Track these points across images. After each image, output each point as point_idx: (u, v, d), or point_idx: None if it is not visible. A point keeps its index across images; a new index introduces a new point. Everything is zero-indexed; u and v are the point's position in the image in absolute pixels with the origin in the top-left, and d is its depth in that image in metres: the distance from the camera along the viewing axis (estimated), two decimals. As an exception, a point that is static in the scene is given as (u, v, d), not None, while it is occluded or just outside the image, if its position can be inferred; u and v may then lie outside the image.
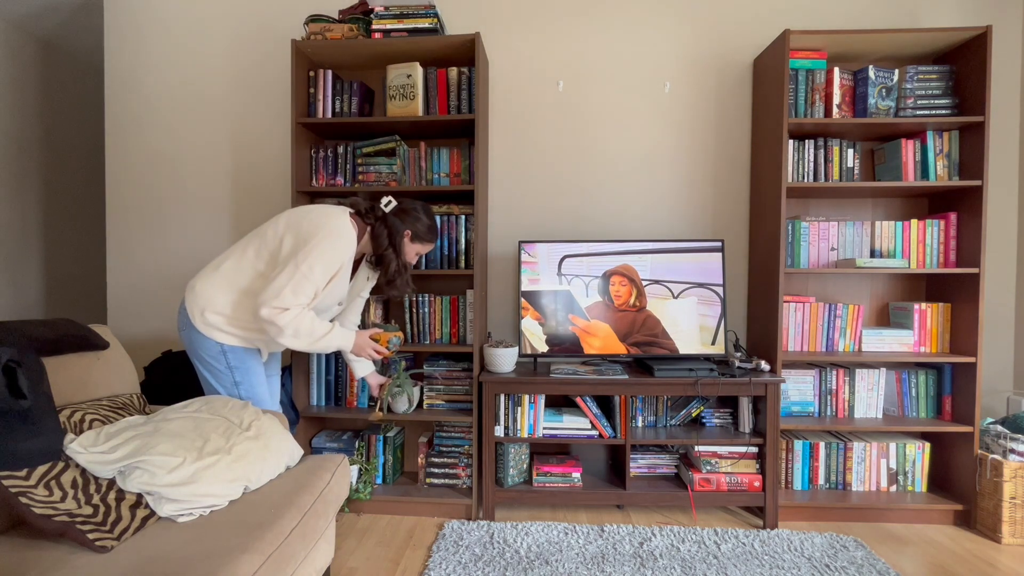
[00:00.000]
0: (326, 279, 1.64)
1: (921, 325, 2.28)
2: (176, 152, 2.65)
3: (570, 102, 2.52)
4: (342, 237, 1.66)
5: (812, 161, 2.29)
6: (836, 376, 2.32)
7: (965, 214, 2.21)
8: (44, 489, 1.19)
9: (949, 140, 2.23)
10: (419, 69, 2.24)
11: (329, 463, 1.64)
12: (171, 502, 1.29)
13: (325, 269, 1.62)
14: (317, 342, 1.66)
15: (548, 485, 2.25)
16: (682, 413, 2.37)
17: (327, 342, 1.68)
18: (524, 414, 2.22)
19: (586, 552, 1.94)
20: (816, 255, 2.32)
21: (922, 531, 2.16)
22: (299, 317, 1.61)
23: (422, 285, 2.54)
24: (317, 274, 1.61)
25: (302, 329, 1.62)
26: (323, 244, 1.62)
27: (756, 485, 2.18)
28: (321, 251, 1.61)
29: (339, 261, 1.65)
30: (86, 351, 1.61)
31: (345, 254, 1.67)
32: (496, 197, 2.54)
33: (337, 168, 2.37)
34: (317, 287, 1.62)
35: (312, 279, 1.60)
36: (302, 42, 2.26)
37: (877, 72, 2.20)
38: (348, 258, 1.69)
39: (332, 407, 2.37)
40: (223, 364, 1.72)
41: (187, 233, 2.65)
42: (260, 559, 1.16)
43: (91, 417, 1.44)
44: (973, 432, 2.16)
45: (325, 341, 1.67)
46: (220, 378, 1.73)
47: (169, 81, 2.65)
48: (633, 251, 2.29)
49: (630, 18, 2.50)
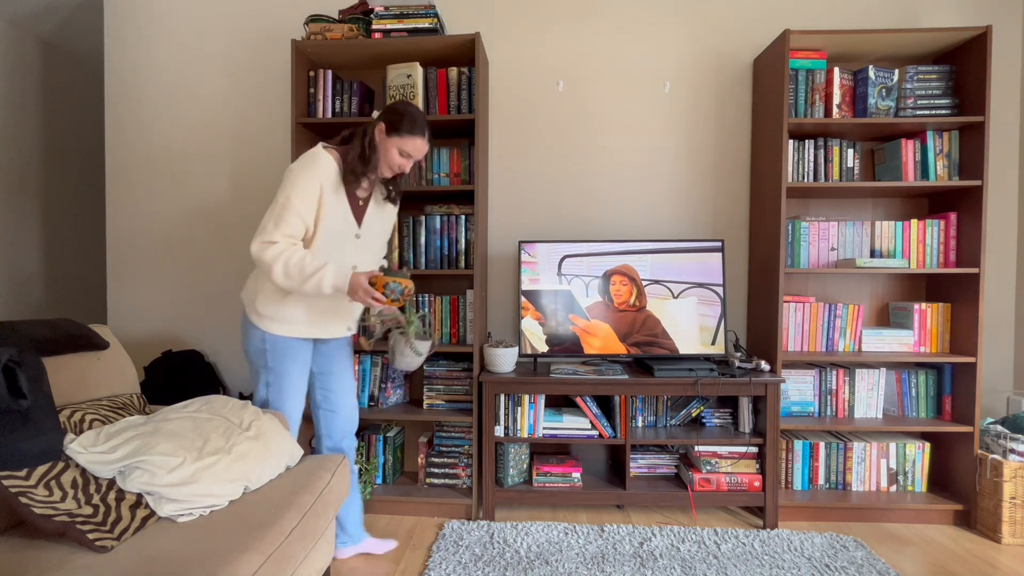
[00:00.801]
0: (306, 204, 1.57)
1: (921, 325, 2.28)
2: (176, 152, 2.65)
3: (570, 102, 2.52)
4: (313, 158, 1.61)
5: (812, 161, 2.29)
6: (836, 376, 2.32)
7: (965, 214, 2.21)
8: (44, 489, 1.19)
9: (949, 140, 2.23)
10: (419, 69, 2.24)
11: (329, 463, 1.64)
12: (171, 502, 1.29)
13: (302, 193, 1.57)
14: (308, 279, 1.55)
15: (548, 485, 2.25)
16: (682, 413, 2.37)
17: (319, 280, 1.55)
18: (524, 414, 2.22)
19: (586, 552, 1.94)
20: (816, 255, 2.32)
21: (922, 531, 2.16)
22: (287, 251, 1.55)
23: (422, 285, 2.54)
24: (295, 200, 1.56)
25: (291, 263, 1.54)
26: (295, 172, 1.59)
27: (756, 485, 2.18)
28: (294, 178, 1.58)
29: (314, 182, 1.58)
30: (86, 351, 1.61)
31: (318, 174, 1.59)
32: (496, 197, 2.54)
33: (337, 168, 2.36)
34: (300, 214, 1.57)
35: (291, 207, 1.56)
36: (302, 42, 2.26)
37: (877, 72, 2.20)
38: (326, 179, 1.60)
39: (332, 407, 2.37)
40: (262, 361, 1.70)
41: (187, 233, 2.65)
42: (260, 559, 1.16)
43: (91, 417, 1.44)
44: (973, 432, 2.16)
45: (317, 278, 1.55)
46: (256, 376, 1.73)
47: (169, 81, 2.65)
48: (633, 251, 2.29)
49: (630, 18, 2.50)
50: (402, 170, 1.71)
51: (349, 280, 1.57)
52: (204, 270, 2.65)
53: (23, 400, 1.25)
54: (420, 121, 1.67)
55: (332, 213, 1.63)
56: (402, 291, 1.58)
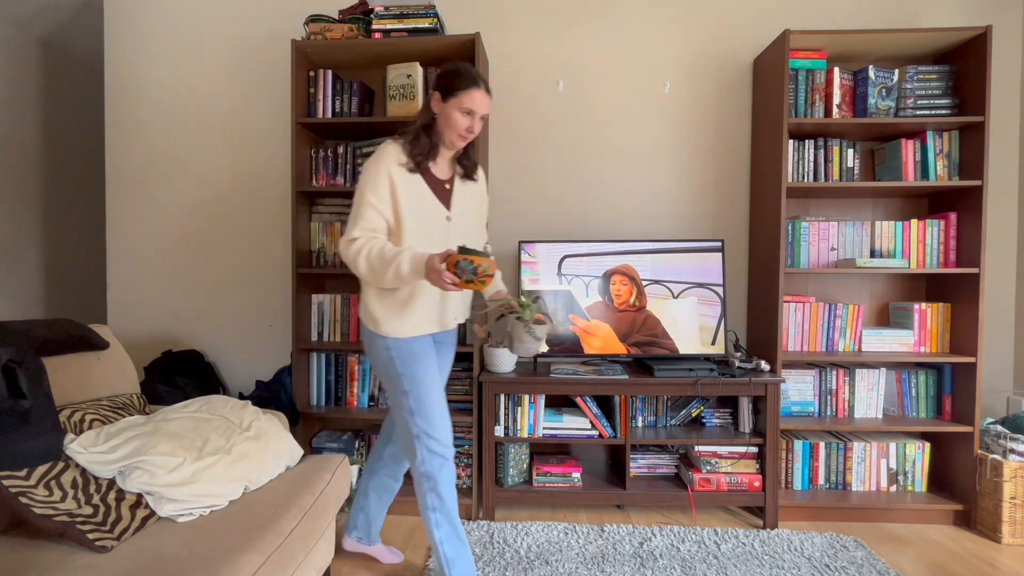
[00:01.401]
0: (378, 195, 1.53)
1: (921, 325, 2.28)
2: (176, 152, 2.65)
3: (570, 102, 2.52)
4: (379, 150, 1.58)
5: (812, 161, 2.29)
6: (836, 376, 2.32)
7: (965, 214, 2.21)
8: (44, 489, 1.19)
9: (949, 140, 2.23)
10: (419, 69, 2.24)
11: (329, 463, 1.64)
12: (171, 502, 1.29)
13: (372, 186, 1.53)
14: (389, 267, 1.47)
15: (548, 485, 2.25)
16: (682, 413, 2.37)
17: (398, 265, 1.46)
18: (524, 414, 2.22)
19: (586, 552, 1.94)
20: (816, 255, 2.32)
21: (922, 531, 2.16)
22: (368, 243, 1.51)
23: (422, 285, 2.54)
24: (367, 194, 1.53)
25: (372, 254, 1.49)
26: (365, 168, 1.58)
27: (756, 485, 2.18)
28: (364, 174, 1.56)
29: (382, 172, 1.54)
30: (86, 351, 1.61)
31: (385, 162, 1.55)
32: (496, 197, 2.54)
33: (337, 168, 2.37)
34: (375, 207, 1.53)
35: (365, 201, 1.53)
36: (302, 42, 2.26)
37: (877, 72, 2.20)
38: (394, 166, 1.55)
39: (332, 407, 2.37)
40: (392, 370, 1.60)
41: (187, 232, 2.65)
42: (260, 559, 1.16)
43: (91, 417, 1.44)
44: (973, 432, 2.16)
45: (396, 264, 1.46)
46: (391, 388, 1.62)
47: (169, 81, 2.65)
48: (633, 251, 2.29)
49: (630, 18, 2.50)
50: (471, 133, 1.59)
51: (424, 262, 1.44)
52: (204, 270, 2.65)
53: (23, 400, 1.25)
54: (473, 73, 1.57)
55: (411, 199, 1.57)
56: (474, 270, 1.39)
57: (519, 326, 1.58)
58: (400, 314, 1.59)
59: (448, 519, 1.60)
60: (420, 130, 1.60)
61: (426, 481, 1.58)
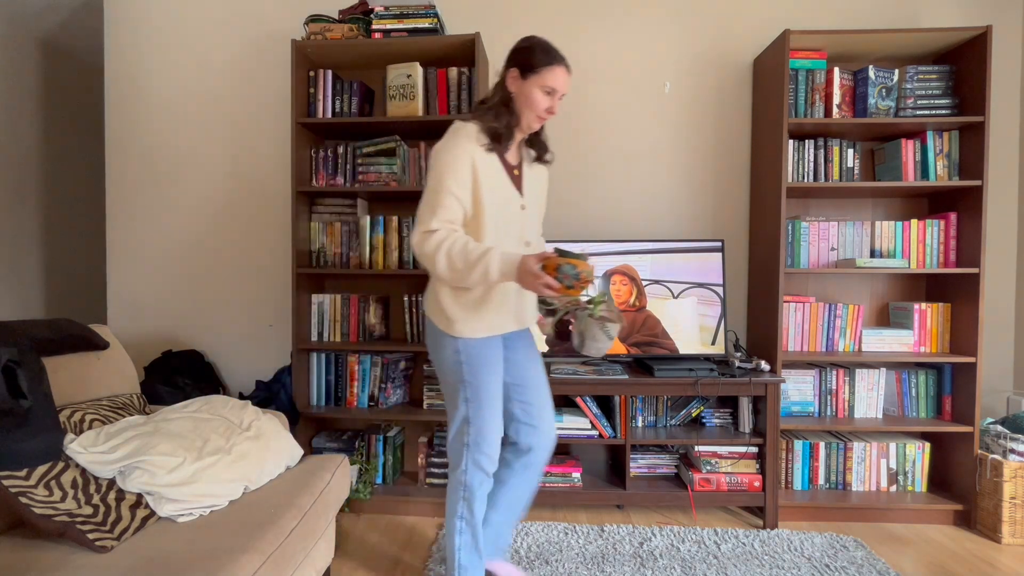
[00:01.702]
0: (459, 181, 1.39)
1: (921, 325, 2.28)
2: (176, 152, 2.65)
3: (570, 102, 2.52)
4: (455, 130, 1.44)
5: (812, 161, 2.29)
6: (836, 376, 2.32)
7: (965, 214, 2.21)
8: (44, 489, 1.19)
9: (949, 140, 2.23)
10: (419, 69, 2.24)
11: (329, 463, 1.64)
12: (171, 502, 1.29)
13: (452, 170, 1.39)
14: (474, 267, 1.33)
15: (548, 485, 2.25)
16: (682, 413, 2.37)
17: (486, 266, 1.33)
18: (524, 414, 2.22)
19: (586, 552, 1.94)
20: (816, 255, 2.32)
21: (922, 531, 2.16)
22: (448, 239, 1.37)
23: (422, 285, 2.54)
24: (447, 180, 1.38)
25: (454, 251, 1.35)
26: (440, 150, 1.42)
27: (756, 485, 2.18)
28: (441, 156, 1.41)
29: (463, 155, 1.40)
30: (86, 351, 1.61)
31: (465, 144, 1.41)
32: (496, 197, 2.54)
33: (337, 168, 2.37)
34: (455, 194, 1.39)
35: (445, 188, 1.38)
36: (302, 42, 2.26)
37: (877, 72, 2.20)
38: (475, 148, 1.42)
39: (332, 407, 2.37)
40: (459, 375, 1.48)
41: (187, 233, 2.65)
42: (260, 559, 1.16)
43: (91, 417, 1.44)
44: (973, 432, 2.16)
45: (483, 265, 1.33)
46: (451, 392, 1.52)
47: (169, 81, 2.65)
48: (633, 251, 2.29)
49: (630, 18, 2.50)
50: (551, 112, 1.47)
51: (517, 264, 1.32)
52: (204, 270, 2.65)
53: (23, 400, 1.25)
54: (555, 49, 1.45)
55: (492, 185, 1.44)
56: (577, 275, 1.30)
57: (592, 324, 1.46)
58: (477, 312, 1.47)
59: (472, 530, 1.54)
60: (500, 107, 1.45)
61: (463, 490, 1.51)
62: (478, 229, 1.44)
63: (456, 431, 1.52)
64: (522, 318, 1.57)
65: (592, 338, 1.47)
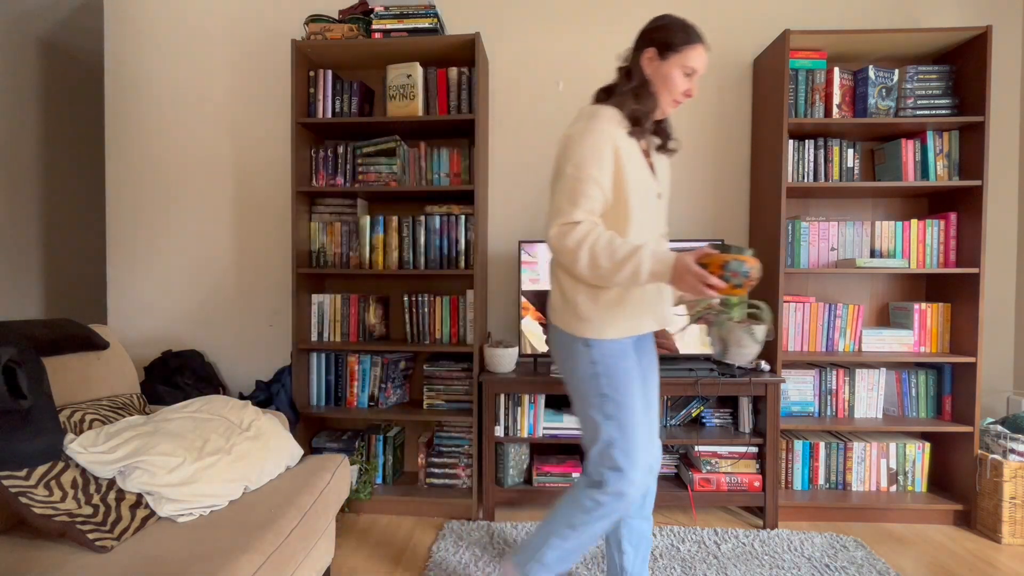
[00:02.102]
0: (601, 167, 1.27)
1: (921, 325, 2.28)
2: (176, 152, 2.65)
3: (570, 102, 2.52)
4: (593, 112, 1.33)
5: (812, 161, 2.29)
6: (836, 376, 2.32)
7: (965, 214, 2.21)
8: (44, 489, 1.19)
9: (949, 140, 2.23)
10: (419, 69, 2.24)
11: (329, 463, 1.64)
12: (171, 502, 1.29)
13: (593, 155, 1.27)
14: (622, 267, 1.21)
15: (548, 485, 2.25)
16: (682, 413, 2.37)
17: (636, 265, 1.20)
18: (524, 414, 2.22)
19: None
20: (816, 255, 2.32)
21: (922, 531, 2.16)
22: (592, 233, 1.24)
23: (422, 285, 2.54)
24: (589, 166, 1.26)
25: (599, 248, 1.22)
26: (577, 134, 1.30)
27: (756, 485, 2.18)
28: (581, 141, 1.29)
29: (605, 139, 1.28)
30: (86, 351, 1.61)
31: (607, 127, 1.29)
32: (496, 197, 2.54)
33: (337, 168, 2.37)
34: (598, 182, 1.27)
35: (586, 175, 1.26)
36: (302, 42, 2.26)
37: (877, 72, 2.20)
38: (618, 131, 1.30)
39: (332, 407, 2.37)
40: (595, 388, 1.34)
41: (187, 233, 2.65)
42: (260, 559, 1.16)
43: (91, 417, 1.44)
44: (973, 432, 2.16)
45: (633, 264, 1.20)
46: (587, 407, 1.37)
47: (169, 81, 2.65)
48: (633, 251, 2.29)
49: (630, 18, 2.50)
50: (688, 95, 1.37)
51: (672, 263, 1.19)
52: (204, 270, 2.65)
53: (23, 400, 1.25)
54: (691, 26, 1.35)
55: (635, 173, 1.32)
56: (747, 272, 1.15)
57: (736, 328, 1.29)
58: (615, 310, 1.33)
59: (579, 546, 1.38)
60: (641, 89, 1.35)
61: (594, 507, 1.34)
62: (619, 220, 1.32)
63: (599, 454, 1.35)
64: (662, 316, 1.41)
65: (737, 344, 1.30)
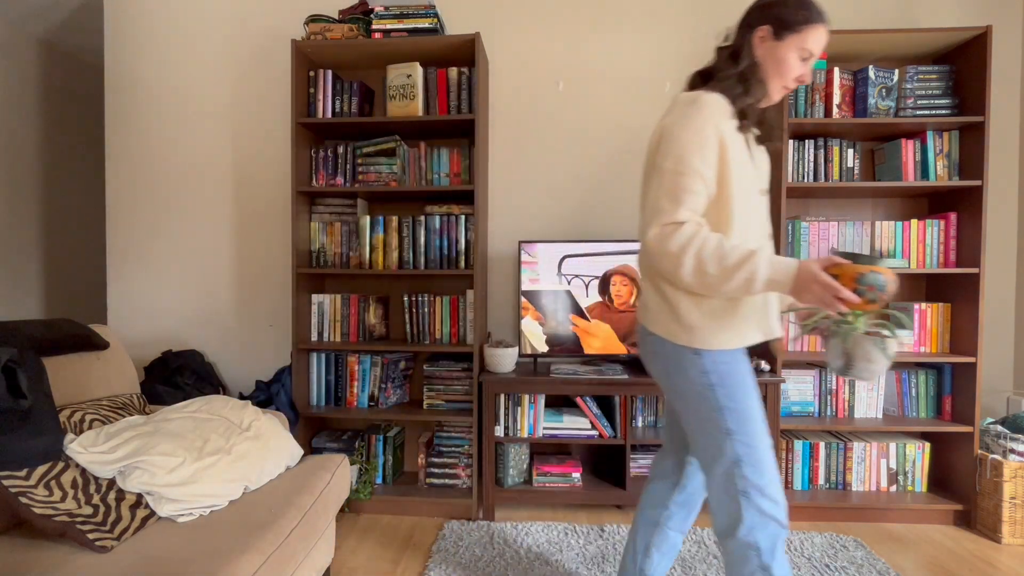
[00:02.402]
0: (706, 160, 1.13)
1: (921, 325, 2.28)
2: (176, 152, 2.65)
3: (570, 102, 2.52)
4: (695, 99, 1.17)
5: (812, 161, 2.29)
6: (836, 376, 2.32)
7: (965, 214, 2.21)
8: (44, 489, 1.19)
9: (949, 140, 2.23)
10: (419, 69, 2.24)
11: (329, 463, 1.64)
12: (171, 502, 1.29)
13: (698, 147, 1.13)
14: (733, 274, 1.06)
15: (548, 485, 2.25)
16: (682, 413, 2.36)
17: (751, 272, 1.06)
18: (524, 414, 2.22)
19: (586, 552, 1.94)
20: (816, 255, 2.32)
21: (922, 531, 2.16)
22: (698, 236, 1.09)
23: (422, 285, 2.54)
24: (692, 159, 1.12)
25: (706, 252, 1.08)
26: (678, 124, 1.16)
27: (756, 485, 2.17)
28: (680, 133, 1.15)
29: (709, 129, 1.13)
30: (86, 351, 1.61)
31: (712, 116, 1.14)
32: (496, 197, 2.54)
33: (337, 168, 2.37)
34: (703, 176, 1.13)
35: (690, 170, 1.12)
36: (302, 42, 2.26)
37: (877, 72, 2.20)
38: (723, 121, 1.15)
39: (332, 407, 2.37)
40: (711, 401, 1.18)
41: (187, 233, 2.65)
42: (260, 559, 1.16)
43: (91, 417, 1.44)
44: (973, 432, 2.16)
45: (747, 271, 1.06)
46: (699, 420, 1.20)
47: (169, 81, 2.65)
48: (633, 251, 2.29)
49: (630, 18, 2.50)
50: (801, 82, 1.22)
51: (795, 271, 1.05)
52: (204, 269, 2.65)
53: (23, 400, 1.25)
54: (812, 2, 1.18)
55: (739, 167, 1.17)
56: (884, 285, 1.01)
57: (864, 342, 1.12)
58: (725, 319, 1.18)
59: None
60: (750, 73, 1.20)
61: (754, 555, 1.14)
62: (722, 219, 1.17)
63: (723, 478, 1.17)
64: (771, 327, 1.25)
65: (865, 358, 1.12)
